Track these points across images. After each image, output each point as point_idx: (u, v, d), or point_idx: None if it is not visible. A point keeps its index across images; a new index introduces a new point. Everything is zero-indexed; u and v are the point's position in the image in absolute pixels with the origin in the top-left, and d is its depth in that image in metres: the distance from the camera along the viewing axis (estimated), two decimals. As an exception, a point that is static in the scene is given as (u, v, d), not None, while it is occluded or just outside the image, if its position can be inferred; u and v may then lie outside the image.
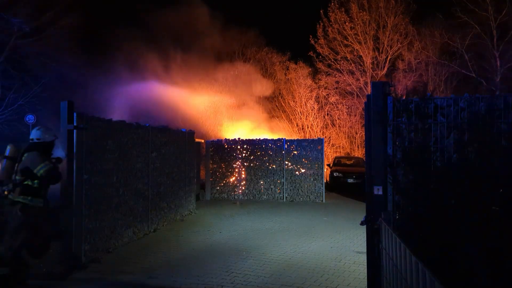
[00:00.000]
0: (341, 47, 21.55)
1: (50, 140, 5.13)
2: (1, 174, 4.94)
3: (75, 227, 5.92)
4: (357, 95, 21.86)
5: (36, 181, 4.87)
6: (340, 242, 7.55)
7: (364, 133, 4.52)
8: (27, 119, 19.57)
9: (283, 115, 21.22)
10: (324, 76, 22.08)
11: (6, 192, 4.82)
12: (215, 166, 13.52)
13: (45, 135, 5.09)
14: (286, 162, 13.06)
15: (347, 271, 5.79)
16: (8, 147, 5.04)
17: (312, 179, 12.91)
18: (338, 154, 20.44)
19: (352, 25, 21.21)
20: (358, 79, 21.82)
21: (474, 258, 2.82)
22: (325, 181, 13.29)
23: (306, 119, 21.47)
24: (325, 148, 13.92)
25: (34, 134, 5.08)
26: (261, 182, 13.16)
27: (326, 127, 21.77)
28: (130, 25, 17.14)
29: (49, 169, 4.94)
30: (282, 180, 13.03)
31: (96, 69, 17.68)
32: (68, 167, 5.89)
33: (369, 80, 20.95)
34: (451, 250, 3.02)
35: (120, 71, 16.71)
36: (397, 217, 3.84)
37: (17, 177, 4.87)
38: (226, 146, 13.53)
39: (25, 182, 4.84)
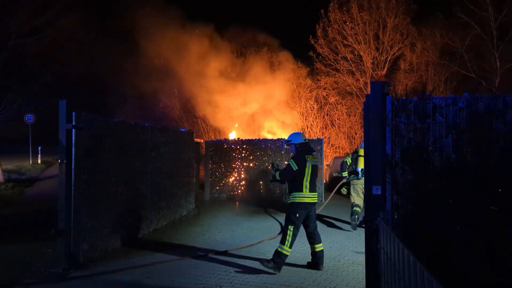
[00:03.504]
0: (341, 47, 21.52)
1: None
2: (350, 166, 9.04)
3: (73, 227, 5.91)
4: (357, 95, 21.84)
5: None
6: (339, 242, 7.54)
7: (363, 133, 4.51)
8: (26, 119, 19.58)
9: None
10: (323, 76, 22.05)
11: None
12: (214, 166, 13.51)
13: None
14: (286, 162, 13.03)
15: (346, 271, 5.79)
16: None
17: (311, 179, 12.89)
18: (337, 155, 20.43)
19: (352, 25, 21.18)
20: (357, 80, 21.80)
21: (472, 258, 2.82)
22: (324, 181, 13.27)
23: (305, 119, 21.44)
24: (324, 148, 13.90)
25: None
26: (261, 182, 13.14)
27: (326, 128, 21.73)
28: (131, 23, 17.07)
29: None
30: (282, 180, 13.01)
31: (96, 68, 17.68)
32: (66, 167, 5.88)
33: (368, 81, 20.92)
34: (449, 250, 3.02)
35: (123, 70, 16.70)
36: (395, 216, 3.83)
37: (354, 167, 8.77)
38: (225, 146, 13.52)
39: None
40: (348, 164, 9.17)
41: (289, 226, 5.81)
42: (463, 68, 19.88)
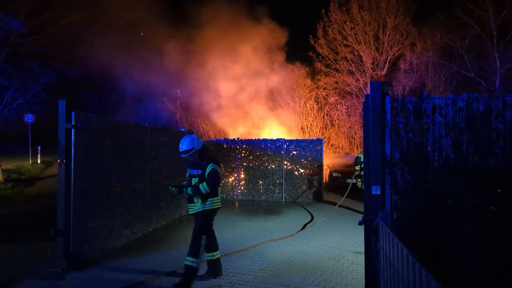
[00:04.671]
0: (341, 47, 21.54)
1: None
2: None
3: (73, 227, 5.90)
4: (357, 95, 21.86)
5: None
6: (338, 242, 7.54)
7: (363, 134, 4.51)
8: (26, 118, 19.57)
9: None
10: (323, 76, 22.07)
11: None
12: (214, 166, 13.48)
13: None
14: (285, 162, 13.04)
15: (345, 271, 5.79)
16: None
17: (311, 179, 12.90)
18: (337, 155, 20.44)
19: (352, 25, 21.20)
20: (357, 80, 21.82)
21: (471, 258, 2.81)
22: (324, 181, 13.28)
23: (305, 119, 21.45)
24: (324, 148, 13.89)
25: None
26: (260, 182, 13.14)
27: (326, 128, 21.74)
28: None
29: None
30: (281, 180, 13.01)
31: (96, 68, 17.64)
32: (66, 166, 5.87)
33: (368, 81, 20.93)
34: (448, 250, 3.02)
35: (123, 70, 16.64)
36: (395, 217, 3.83)
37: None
38: (225, 146, 13.51)
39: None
40: (362, 160, 10.72)
41: (203, 236, 5.26)
42: (463, 68, 19.89)
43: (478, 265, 2.78)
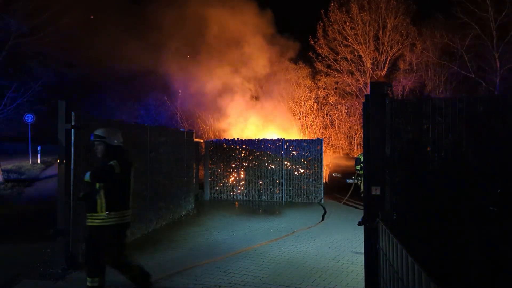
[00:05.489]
0: (341, 47, 21.55)
1: None
2: None
3: (72, 227, 5.90)
4: (357, 95, 21.87)
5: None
6: (338, 242, 7.54)
7: (362, 134, 4.50)
8: (25, 118, 19.56)
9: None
10: (323, 76, 22.08)
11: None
12: (214, 166, 13.50)
13: None
14: (285, 162, 13.04)
15: (345, 272, 5.79)
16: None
17: (311, 180, 12.90)
18: (337, 155, 20.43)
19: (352, 26, 21.22)
20: (357, 80, 21.83)
21: (470, 258, 2.81)
22: (324, 181, 13.28)
23: (305, 119, 21.45)
24: (324, 149, 13.90)
25: None
26: (260, 183, 13.14)
27: (326, 128, 21.74)
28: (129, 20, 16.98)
29: None
30: (281, 181, 13.01)
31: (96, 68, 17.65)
32: (65, 167, 5.87)
33: (368, 81, 20.93)
34: (447, 250, 3.02)
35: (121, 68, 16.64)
36: (394, 217, 3.83)
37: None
38: (225, 146, 13.51)
39: None
40: (361, 160, 11.55)
41: (124, 252, 4.61)
42: (463, 69, 19.89)
43: (478, 265, 2.78)
